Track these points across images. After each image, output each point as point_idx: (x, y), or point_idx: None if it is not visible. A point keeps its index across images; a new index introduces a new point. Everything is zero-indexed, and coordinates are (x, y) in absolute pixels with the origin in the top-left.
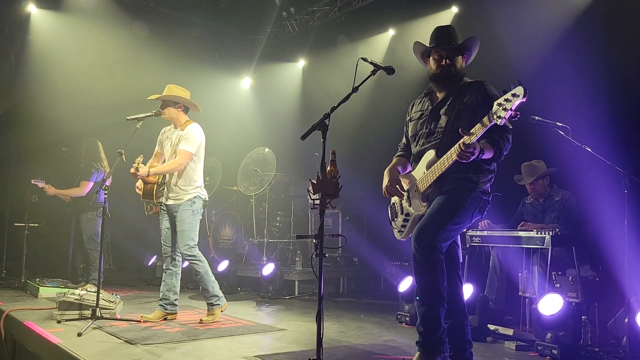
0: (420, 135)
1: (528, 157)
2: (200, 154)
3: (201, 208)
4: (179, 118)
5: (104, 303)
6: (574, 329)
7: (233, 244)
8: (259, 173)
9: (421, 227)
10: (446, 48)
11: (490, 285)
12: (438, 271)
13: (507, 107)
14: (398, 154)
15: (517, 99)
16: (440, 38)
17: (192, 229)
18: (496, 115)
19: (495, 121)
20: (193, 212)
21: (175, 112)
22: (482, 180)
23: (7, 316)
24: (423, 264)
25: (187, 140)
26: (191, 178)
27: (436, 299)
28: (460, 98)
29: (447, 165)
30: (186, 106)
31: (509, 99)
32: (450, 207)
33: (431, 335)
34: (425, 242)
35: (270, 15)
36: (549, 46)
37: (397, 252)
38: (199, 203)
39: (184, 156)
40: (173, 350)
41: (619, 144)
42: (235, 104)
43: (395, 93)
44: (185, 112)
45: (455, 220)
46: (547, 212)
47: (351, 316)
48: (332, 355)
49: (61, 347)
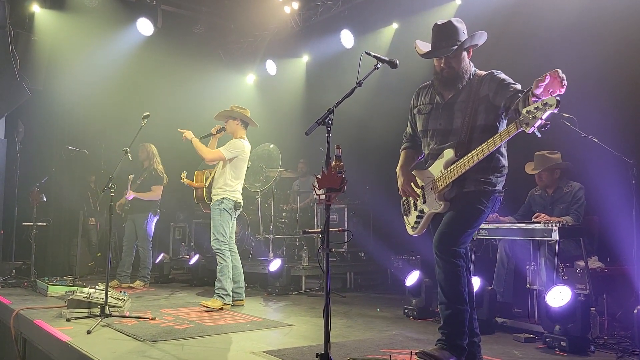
0: (434, 132)
1: (534, 148)
2: (237, 164)
3: (230, 207)
4: (237, 131)
5: (112, 301)
6: (583, 320)
7: (239, 240)
8: (264, 169)
9: (442, 234)
10: (447, 55)
11: (498, 278)
12: (460, 276)
13: (538, 115)
14: (404, 145)
15: (550, 109)
16: (435, 41)
17: (219, 224)
18: (524, 123)
19: (523, 128)
20: (220, 210)
21: (234, 126)
22: (499, 180)
23: (17, 315)
24: (446, 270)
25: (227, 146)
26: (225, 183)
27: (461, 303)
28: (474, 92)
29: (467, 167)
30: (244, 121)
31: (539, 107)
32: (471, 213)
33: (455, 339)
34: (447, 249)
35: (273, 11)
36: (554, 35)
37: (403, 247)
38: (227, 203)
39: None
40: (181, 347)
41: (626, 135)
42: (240, 101)
43: (400, 86)
44: (244, 127)
45: (474, 225)
46: (556, 204)
47: (358, 311)
48: (340, 350)
49: (71, 345)
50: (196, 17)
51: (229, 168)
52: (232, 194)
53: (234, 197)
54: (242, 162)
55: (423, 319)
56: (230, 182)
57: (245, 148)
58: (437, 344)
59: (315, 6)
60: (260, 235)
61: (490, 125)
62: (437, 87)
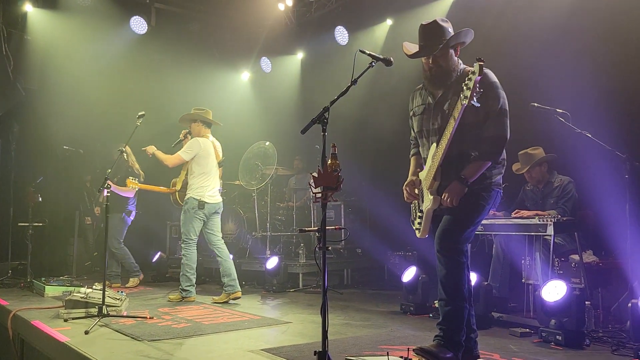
0: (427, 132)
1: (528, 144)
2: (199, 162)
3: (194, 207)
4: (200, 132)
5: (110, 300)
6: (578, 314)
7: (236, 238)
8: (260, 167)
9: (442, 231)
10: (431, 54)
11: (494, 273)
12: (462, 273)
13: (470, 85)
14: (412, 152)
15: (475, 76)
16: (422, 41)
17: (183, 225)
18: (463, 96)
19: (464, 103)
20: (184, 211)
21: (196, 128)
22: (495, 172)
23: (15, 316)
24: (448, 267)
25: (185, 147)
26: (190, 183)
27: (461, 300)
28: (460, 90)
29: (443, 153)
30: (205, 122)
31: (470, 77)
32: (471, 209)
33: (452, 336)
34: (449, 246)
35: (268, 8)
36: (548, 32)
37: (400, 243)
38: (191, 203)
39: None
40: (180, 346)
41: (619, 129)
42: (235, 98)
43: (396, 84)
44: (206, 127)
45: (475, 221)
46: (546, 198)
47: (356, 307)
48: (338, 347)
49: (69, 346)
50: (190, 15)
51: (193, 168)
52: (196, 193)
53: (198, 196)
54: (204, 160)
55: (420, 314)
56: (194, 182)
57: (203, 145)
58: (434, 340)
59: (309, 3)
60: (257, 233)
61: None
62: (428, 87)
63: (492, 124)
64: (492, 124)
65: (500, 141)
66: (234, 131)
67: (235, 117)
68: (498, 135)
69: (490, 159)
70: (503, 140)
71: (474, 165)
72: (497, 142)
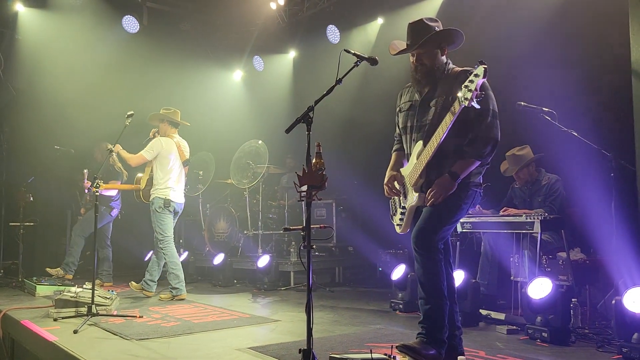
0: (410, 128)
1: (515, 142)
2: (162, 162)
3: (160, 206)
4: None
5: (100, 300)
6: (563, 311)
7: (228, 237)
8: (252, 166)
9: (419, 229)
10: (412, 51)
11: (482, 270)
12: (439, 271)
13: (472, 87)
14: (394, 147)
15: (479, 79)
16: (408, 39)
17: (155, 225)
18: (463, 97)
19: (464, 103)
20: (152, 211)
21: (163, 128)
22: (474, 172)
23: (5, 315)
24: (424, 265)
25: (147, 147)
26: (154, 183)
27: (440, 298)
28: (448, 88)
29: (432, 153)
30: (172, 122)
31: (472, 79)
32: (447, 207)
33: (435, 333)
34: (425, 244)
35: (260, 7)
36: (536, 31)
37: (391, 241)
38: (157, 202)
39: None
40: (168, 344)
41: (605, 128)
42: (227, 97)
43: (386, 82)
44: (173, 127)
45: (452, 220)
46: (534, 196)
47: (346, 305)
48: (325, 344)
49: (57, 345)
50: (182, 14)
51: (156, 168)
52: (161, 193)
53: (163, 195)
54: (165, 160)
55: (409, 312)
56: (158, 181)
57: (165, 144)
58: (417, 337)
59: (301, 2)
60: (248, 232)
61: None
62: (413, 85)
63: (484, 124)
64: (484, 125)
65: (491, 142)
66: (226, 130)
67: (227, 116)
68: (490, 136)
69: (480, 158)
70: (494, 141)
71: (464, 162)
72: (489, 143)
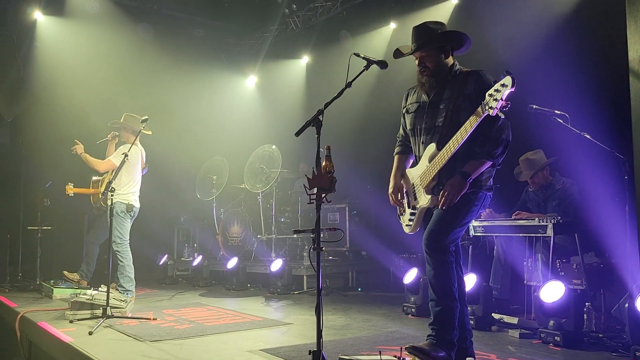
0: (419, 130)
1: (528, 146)
2: (128, 169)
3: (122, 210)
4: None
5: (115, 302)
6: (576, 315)
7: (242, 241)
8: (265, 170)
9: (431, 231)
10: (417, 53)
11: (495, 274)
12: (450, 273)
13: (498, 97)
14: (396, 150)
15: (506, 89)
16: (412, 42)
17: (114, 228)
18: (488, 105)
19: (487, 112)
20: (114, 214)
21: (125, 134)
22: (486, 176)
23: (22, 317)
24: (435, 267)
25: (115, 153)
26: (117, 188)
27: (450, 300)
28: (458, 89)
29: (447, 157)
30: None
31: (498, 89)
32: (458, 210)
33: (444, 335)
34: (436, 246)
35: (273, 13)
36: (548, 33)
37: (404, 245)
38: (119, 206)
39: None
40: (180, 346)
41: (618, 131)
42: (241, 103)
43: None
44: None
45: (463, 222)
46: (549, 201)
47: (358, 309)
48: (336, 347)
49: (73, 346)
50: (196, 21)
51: (121, 173)
52: (124, 198)
53: (125, 201)
54: (132, 167)
55: (422, 316)
56: (122, 187)
57: (134, 152)
58: (427, 339)
59: (314, 7)
60: (262, 236)
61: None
62: (420, 87)
63: (495, 125)
64: (496, 126)
65: (503, 143)
66: (240, 135)
67: (241, 121)
68: (502, 138)
69: (492, 158)
70: (506, 142)
71: (475, 162)
72: (500, 144)
